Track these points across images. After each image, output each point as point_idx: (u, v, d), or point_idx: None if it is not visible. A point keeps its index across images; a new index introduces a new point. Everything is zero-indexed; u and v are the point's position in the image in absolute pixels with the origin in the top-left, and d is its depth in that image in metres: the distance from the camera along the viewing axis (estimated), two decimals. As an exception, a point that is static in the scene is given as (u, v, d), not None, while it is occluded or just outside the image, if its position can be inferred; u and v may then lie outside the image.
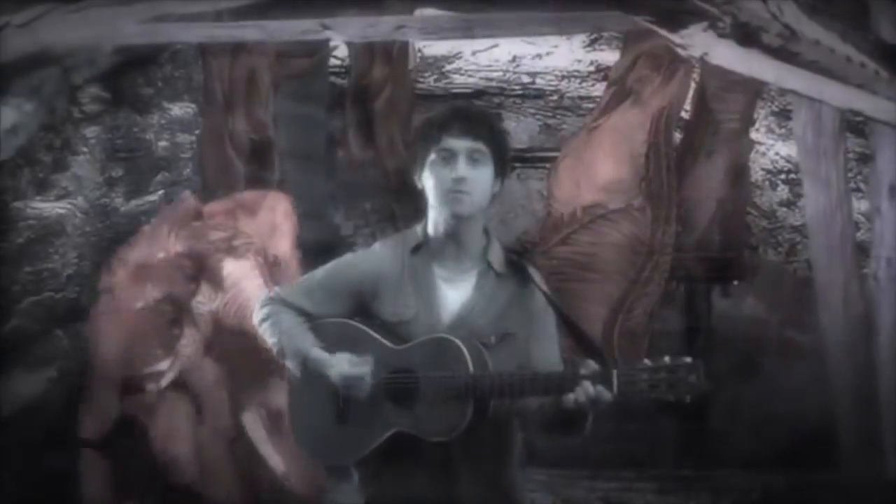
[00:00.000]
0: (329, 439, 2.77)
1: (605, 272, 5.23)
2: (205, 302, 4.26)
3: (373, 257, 2.82)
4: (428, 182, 2.73)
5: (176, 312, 4.26)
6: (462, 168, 2.68)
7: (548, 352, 2.78)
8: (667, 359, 2.56)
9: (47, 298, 5.55)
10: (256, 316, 2.87)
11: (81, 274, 5.60)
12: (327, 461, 2.96)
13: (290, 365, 2.80)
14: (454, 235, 2.74)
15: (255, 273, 4.24)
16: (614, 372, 2.56)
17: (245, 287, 4.22)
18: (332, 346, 2.75)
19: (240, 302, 4.22)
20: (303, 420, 2.83)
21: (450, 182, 2.69)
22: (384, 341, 2.72)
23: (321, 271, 3.00)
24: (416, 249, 2.77)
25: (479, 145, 2.70)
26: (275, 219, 4.35)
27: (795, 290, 5.77)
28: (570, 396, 2.55)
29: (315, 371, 2.74)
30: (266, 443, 4.21)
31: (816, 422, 4.66)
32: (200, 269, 4.27)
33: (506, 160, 2.76)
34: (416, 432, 2.66)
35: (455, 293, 2.74)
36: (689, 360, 2.57)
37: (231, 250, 4.28)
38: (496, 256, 2.77)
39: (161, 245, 4.30)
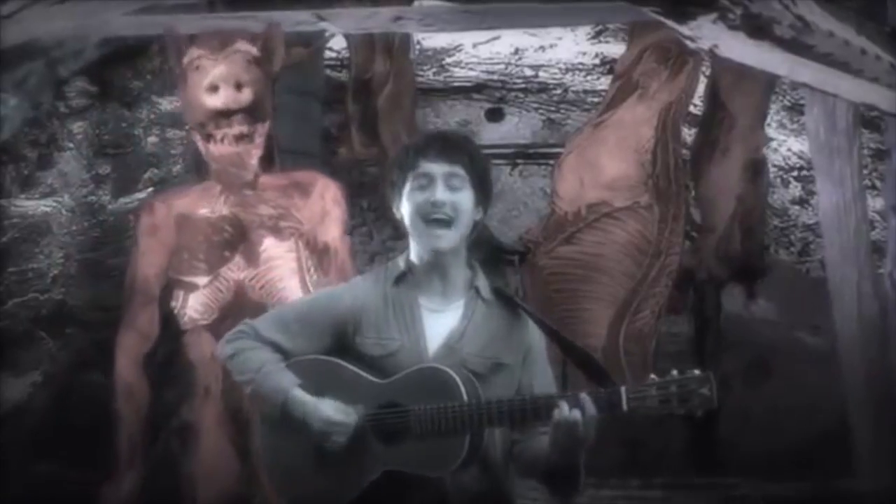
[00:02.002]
0: (311, 484, 2.70)
1: (610, 272, 5.22)
2: (234, 270, 4.28)
3: (354, 290, 2.78)
4: (406, 210, 2.70)
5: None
6: (440, 192, 2.66)
7: (542, 379, 2.76)
8: (675, 372, 2.54)
9: (32, 300, 5.56)
10: (224, 350, 2.79)
11: (67, 274, 5.61)
12: None
13: (267, 406, 2.74)
14: (437, 266, 2.71)
15: (291, 256, 4.26)
16: (623, 389, 2.55)
17: (277, 265, 4.24)
18: (310, 384, 2.69)
19: (269, 277, 4.24)
20: (279, 463, 2.74)
21: (428, 206, 2.66)
22: (367, 376, 2.67)
23: (298, 304, 2.99)
24: (399, 280, 2.73)
25: (457, 169, 2.68)
26: (325, 205, 4.36)
27: (808, 291, 5.77)
28: (554, 413, 2.53)
29: (295, 414, 2.68)
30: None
31: (830, 427, 4.66)
32: (240, 239, 4.30)
33: (486, 187, 2.74)
34: (408, 469, 2.61)
35: (441, 323, 2.71)
36: (698, 372, 2.55)
37: (276, 230, 4.31)
38: (483, 285, 2.75)
39: (209, 203, 4.33)
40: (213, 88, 4.25)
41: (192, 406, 4.35)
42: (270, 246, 4.28)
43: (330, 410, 2.65)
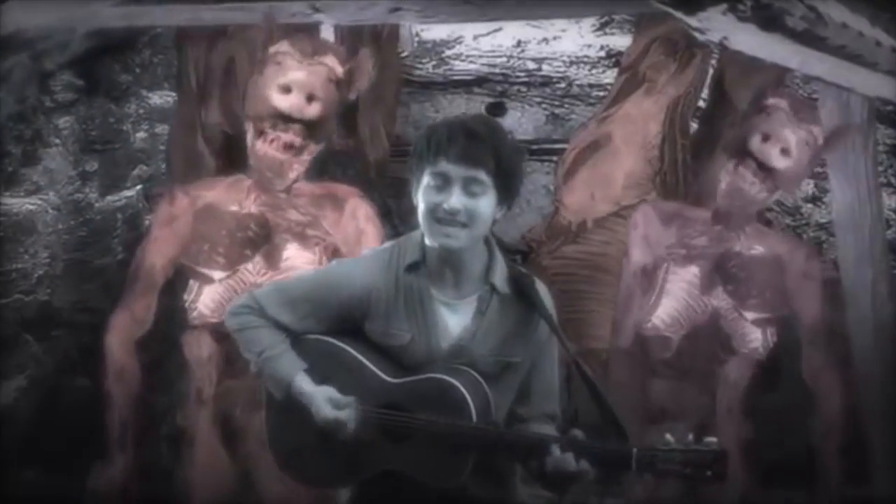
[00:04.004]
0: (315, 465, 2.76)
1: (616, 273, 5.23)
2: (252, 273, 4.31)
3: (364, 271, 2.77)
4: (420, 204, 2.68)
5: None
6: (456, 198, 2.62)
7: (545, 385, 2.79)
8: (691, 437, 2.56)
9: (17, 301, 5.56)
10: (229, 322, 2.83)
11: (53, 275, 5.61)
12: (313, 486, 2.95)
13: (270, 388, 2.78)
14: (450, 261, 2.70)
15: (312, 268, 4.30)
16: (634, 450, 2.57)
17: None
18: (316, 368, 2.72)
19: None
20: (284, 439, 2.80)
21: (441, 212, 2.63)
22: (378, 371, 2.70)
23: (307, 280, 2.99)
24: (413, 268, 2.72)
25: (479, 174, 2.62)
26: (358, 224, 4.39)
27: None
28: (548, 461, 2.57)
29: (297, 401, 2.72)
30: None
31: (844, 432, 4.66)
32: (264, 240, 4.33)
33: (512, 183, 2.68)
34: (410, 473, 2.65)
35: (454, 318, 2.72)
36: (715, 444, 2.56)
37: (301, 237, 4.35)
38: (500, 275, 2.73)
39: (237, 198, 4.37)
40: (286, 89, 4.30)
41: (185, 412, 4.38)
42: (293, 254, 4.32)
43: (325, 407, 2.68)
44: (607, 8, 5.25)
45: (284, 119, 4.28)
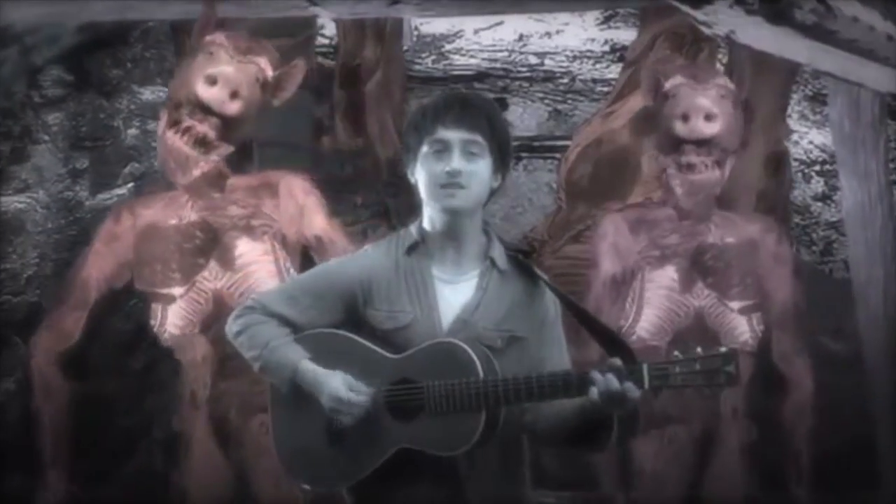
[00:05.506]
0: (322, 463, 2.77)
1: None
2: (210, 279, 4.34)
3: (364, 260, 2.85)
4: (420, 176, 2.76)
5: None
6: (456, 161, 2.71)
7: (557, 358, 2.81)
8: (700, 349, 2.61)
9: (5, 302, 5.56)
10: (231, 327, 2.86)
11: (42, 275, 5.61)
12: (320, 487, 2.96)
13: (276, 380, 2.80)
14: (451, 233, 2.76)
15: (268, 259, 4.35)
16: (645, 366, 2.61)
17: (255, 270, 4.33)
18: (321, 358, 2.75)
19: (247, 285, 4.31)
20: (289, 441, 2.82)
21: (443, 176, 2.71)
22: (380, 351, 2.73)
23: (306, 276, 3.03)
24: (411, 249, 2.79)
25: (476, 136, 2.73)
26: (297, 200, 4.43)
27: (831, 293, 5.79)
28: (594, 390, 2.59)
29: (304, 386, 2.75)
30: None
31: (853, 436, 4.67)
32: (212, 244, 4.36)
33: (506, 153, 2.80)
34: (421, 447, 2.67)
35: (455, 295, 2.76)
36: (724, 349, 2.64)
37: (248, 229, 4.39)
38: (499, 254, 2.80)
39: (176, 211, 4.40)
40: (212, 81, 4.32)
41: (180, 415, 4.41)
42: (246, 250, 4.36)
43: (341, 387, 2.70)
44: (611, 1, 5.26)
45: (203, 109, 4.32)
